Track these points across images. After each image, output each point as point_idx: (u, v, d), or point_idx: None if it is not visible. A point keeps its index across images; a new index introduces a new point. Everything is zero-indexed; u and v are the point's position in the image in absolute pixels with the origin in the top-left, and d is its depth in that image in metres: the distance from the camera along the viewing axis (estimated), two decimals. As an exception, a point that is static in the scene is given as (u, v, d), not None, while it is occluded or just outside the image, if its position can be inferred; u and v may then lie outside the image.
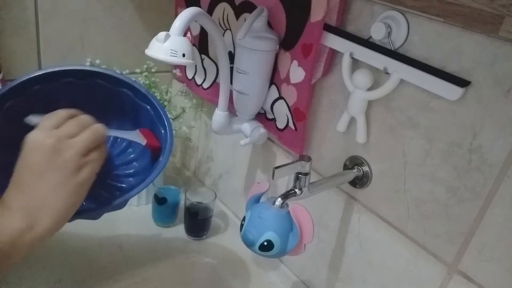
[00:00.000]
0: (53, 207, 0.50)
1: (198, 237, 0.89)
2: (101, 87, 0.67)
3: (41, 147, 0.49)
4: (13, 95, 0.61)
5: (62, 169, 0.50)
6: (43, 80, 0.63)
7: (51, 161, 0.49)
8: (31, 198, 0.49)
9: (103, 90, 0.67)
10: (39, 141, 0.49)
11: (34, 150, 0.50)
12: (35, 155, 0.49)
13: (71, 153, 0.50)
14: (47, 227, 0.50)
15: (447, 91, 0.51)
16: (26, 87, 0.62)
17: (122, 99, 0.68)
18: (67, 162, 0.50)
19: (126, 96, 0.68)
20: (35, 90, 0.63)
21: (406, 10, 0.55)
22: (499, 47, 0.48)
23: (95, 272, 0.77)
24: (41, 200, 0.49)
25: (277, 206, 0.56)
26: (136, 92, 0.67)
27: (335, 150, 0.70)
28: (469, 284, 0.56)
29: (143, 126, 0.68)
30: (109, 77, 0.66)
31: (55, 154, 0.49)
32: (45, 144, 0.49)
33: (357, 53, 0.60)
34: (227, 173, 0.97)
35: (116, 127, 0.71)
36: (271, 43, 0.69)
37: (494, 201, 0.52)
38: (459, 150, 0.54)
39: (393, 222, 0.64)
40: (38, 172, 0.49)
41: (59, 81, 0.64)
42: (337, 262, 0.74)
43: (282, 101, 0.73)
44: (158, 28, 0.58)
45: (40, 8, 0.81)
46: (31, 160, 0.49)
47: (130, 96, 0.68)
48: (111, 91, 0.67)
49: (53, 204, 0.50)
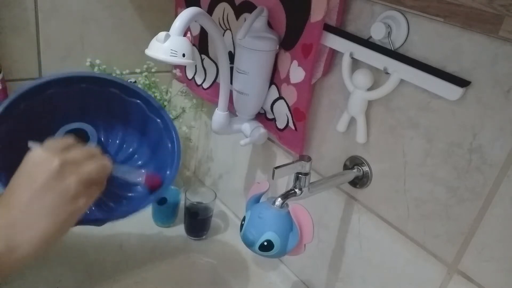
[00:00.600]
0: (40, 231, 0.47)
1: (198, 237, 0.89)
2: (114, 95, 0.67)
3: (45, 165, 0.47)
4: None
5: (60, 194, 0.47)
6: (58, 86, 0.62)
7: (52, 183, 0.47)
8: (20, 216, 0.46)
9: (115, 99, 0.67)
10: (44, 159, 0.47)
11: (37, 167, 0.47)
12: (37, 172, 0.47)
13: (74, 180, 0.48)
14: (29, 252, 0.46)
15: (447, 91, 0.51)
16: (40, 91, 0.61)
17: (133, 109, 0.68)
18: (68, 189, 0.47)
19: (138, 107, 0.68)
20: (49, 94, 0.62)
21: (406, 10, 0.55)
22: (499, 47, 0.48)
23: (95, 272, 0.77)
24: (30, 221, 0.46)
25: (277, 206, 0.56)
26: (148, 104, 0.67)
27: (335, 150, 0.70)
28: (469, 284, 0.56)
29: (150, 137, 0.68)
30: (124, 87, 0.66)
31: (58, 177, 0.47)
32: (50, 164, 0.47)
33: (357, 53, 0.60)
34: (227, 173, 0.97)
35: (121, 134, 0.71)
36: (271, 43, 0.69)
37: (494, 201, 0.52)
38: (459, 150, 0.54)
39: (393, 222, 0.64)
40: (35, 190, 0.46)
41: (72, 88, 0.64)
42: (337, 262, 0.74)
43: (282, 101, 0.73)
44: (158, 28, 0.58)
45: (40, 8, 0.81)
46: (32, 176, 0.47)
47: (142, 108, 0.68)
48: (124, 101, 0.68)
49: (41, 228, 0.47)
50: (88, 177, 0.49)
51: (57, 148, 0.49)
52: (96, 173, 0.50)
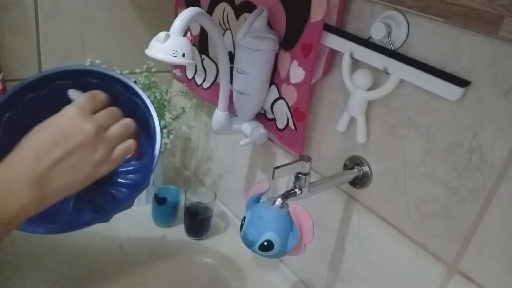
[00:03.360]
0: (62, 186, 0.49)
1: (198, 237, 0.89)
2: (94, 85, 0.66)
3: (81, 129, 0.49)
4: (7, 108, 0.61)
5: (87, 158, 0.50)
6: (35, 88, 0.62)
7: (83, 146, 0.49)
8: (49, 172, 0.48)
9: (96, 88, 0.66)
10: (81, 122, 0.50)
11: (73, 127, 0.49)
12: (71, 133, 0.49)
13: (102, 148, 0.51)
14: (50, 204, 0.49)
15: (447, 91, 0.51)
16: (21, 96, 0.61)
17: (118, 96, 0.66)
18: (95, 155, 0.50)
19: (119, 92, 0.66)
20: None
21: (406, 10, 0.55)
22: (499, 47, 0.48)
23: (95, 272, 0.77)
24: (57, 176, 0.48)
25: (277, 206, 0.56)
26: (125, 86, 0.65)
27: (335, 150, 0.70)
28: (469, 284, 0.56)
29: (141, 120, 0.67)
30: (98, 74, 0.65)
31: (89, 142, 0.50)
32: (85, 129, 0.50)
33: (357, 53, 0.60)
34: (227, 173, 0.97)
35: None
36: (271, 43, 0.69)
37: (494, 201, 0.52)
38: (459, 150, 0.54)
39: (393, 222, 0.64)
40: (67, 150, 0.48)
41: (50, 86, 0.63)
42: (337, 262, 0.74)
43: (282, 101, 0.73)
44: (158, 28, 0.58)
45: (40, 8, 0.81)
46: (66, 136, 0.49)
47: (122, 91, 0.66)
48: (105, 89, 0.66)
49: (63, 182, 0.49)
50: (115, 143, 0.53)
51: (92, 109, 0.52)
52: (124, 135, 0.53)
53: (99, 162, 0.51)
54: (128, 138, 0.54)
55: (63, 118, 0.50)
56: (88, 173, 0.51)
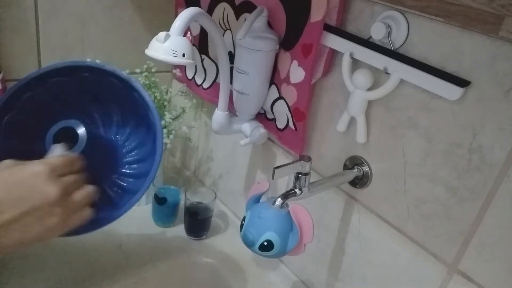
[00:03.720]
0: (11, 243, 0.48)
1: (198, 237, 0.89)
2: (87, 79, 0.65)
3: (45, 192, 0.48)
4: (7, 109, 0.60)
5: (43, 221, 0.49)
6: (32, 87, 0.62)
7: (41, 210, 0.48)
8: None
9: (92, 83, 0.65)
10: (47, 185, 0.49)
11: (37, 189, 0.48)
12: (34, 193, 0.48)
13: (59, 216, 0.50)
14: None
15: (447, 91, 0.51)
16: (19, 96, 0.61)
17: (115, 89, 0.66)
18: (51, 220, 0.49)
19: (117, 87, 0.65)
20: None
21: (406, 10, 0.55)
22: (499, 47, 0.48)
23: (95, 272, 0.77)
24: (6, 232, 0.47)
25: (277, 206, 0.56)
26: (121, 80, 0.64)
27: (335, 150, 0.70)
28: (469, 284, 0.56)
29: (140, 114, 0.66)
30: (91, 68, 0.64)
31: (49, 208, 0.49)
32: (50, 194, 0.48)
33: (357, 53, 0.60)
34: (227, 173, 0.97)
35: (120, 118, 0.70)
36: (271, 43, 0.69)
37: (494, 201, 0.52)
38: (459, 150, 0.54)
39: (393, 222, 0.64)
40: (23, 211, 0.47)
41: (46, 83, 0.63)
42: (337, 262, 0.74)
43: (282, 101, 0.73)
44: (158, 28, 0.58)
45: (40, 8, 0.81)
46: (27, 196, 0.48)
47: (119, 86, 0.65)
48: (100, 82, 0.65)
49: (13, 239, 0.48)
50: (73, 210, 0.52)
51: (62, 174, 0.51)
52: (81, 205, 0.53)
53: (51, 228, 0.50)
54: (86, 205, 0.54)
55: (29, 176, 0.48)
56: (37, 236, 0.49)
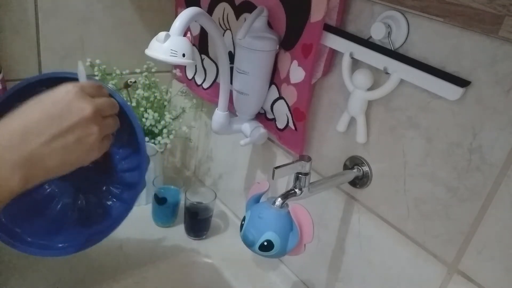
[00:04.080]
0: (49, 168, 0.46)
1: (198, 237, 0.89)
2: None
3: (79, 109, 0.47)
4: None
5: (80, 141, 0.47)
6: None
7: (78, 128, 0.47)
8: (37, 152, 0.45)
9: None
10: (80, 102, 0.47)
11: (71, 107, 0.47)
12: (69, 112, 0.46)
13: (96, 132, 0.48)
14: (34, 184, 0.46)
15: (447, 91, 0.51)
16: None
17: None
18: (88, 139, 0.48)
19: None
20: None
21: (406, 10, 0.55)
22: (499, 47, 0.48)
23: (95, 272, 0.77)
24: (45, 157, 0.45)
25: (277, 206, 0.56)
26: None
27: (335, 150, 0.70)
28: (469, 284, 0.56)
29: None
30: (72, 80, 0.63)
31: (85, 125, 0.47)
32: (84, 110, 0.47)
33: (357, 53, 0.60)
34: (227, 173, 0.97)
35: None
36: (271, 43, 0.69)
37: (494, 201, 0.52)
38: (459, 150, 0.54)
39: (393, 222, 0.64)
40: (61, 130, 0.46)
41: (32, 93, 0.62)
42: (337, 262, 0.74)
43: (282, 101, 0.73)
44: (158, 28, 0.58)
45: (40, 8, 0.81)
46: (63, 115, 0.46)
47: None
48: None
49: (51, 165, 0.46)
50: (107, 132, 0.51)
51: (91, 93, 0.49)
52: (113, 129, 0.52)
53: (91, 147, 0.48)
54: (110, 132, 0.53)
55: (62, 93, 0.47)
56: (79, 157, 0.48)
